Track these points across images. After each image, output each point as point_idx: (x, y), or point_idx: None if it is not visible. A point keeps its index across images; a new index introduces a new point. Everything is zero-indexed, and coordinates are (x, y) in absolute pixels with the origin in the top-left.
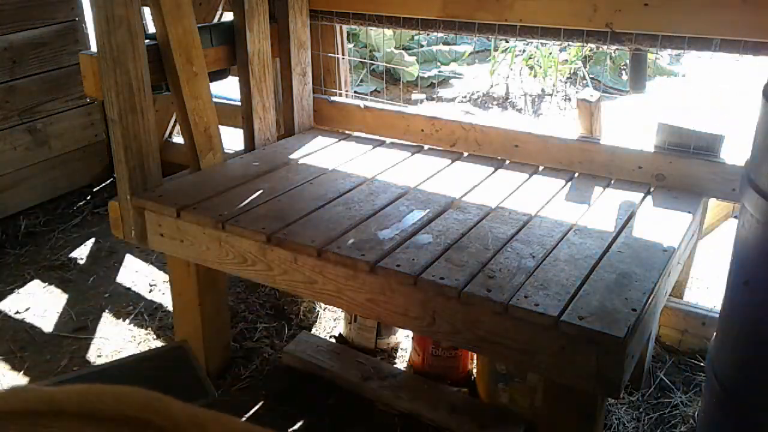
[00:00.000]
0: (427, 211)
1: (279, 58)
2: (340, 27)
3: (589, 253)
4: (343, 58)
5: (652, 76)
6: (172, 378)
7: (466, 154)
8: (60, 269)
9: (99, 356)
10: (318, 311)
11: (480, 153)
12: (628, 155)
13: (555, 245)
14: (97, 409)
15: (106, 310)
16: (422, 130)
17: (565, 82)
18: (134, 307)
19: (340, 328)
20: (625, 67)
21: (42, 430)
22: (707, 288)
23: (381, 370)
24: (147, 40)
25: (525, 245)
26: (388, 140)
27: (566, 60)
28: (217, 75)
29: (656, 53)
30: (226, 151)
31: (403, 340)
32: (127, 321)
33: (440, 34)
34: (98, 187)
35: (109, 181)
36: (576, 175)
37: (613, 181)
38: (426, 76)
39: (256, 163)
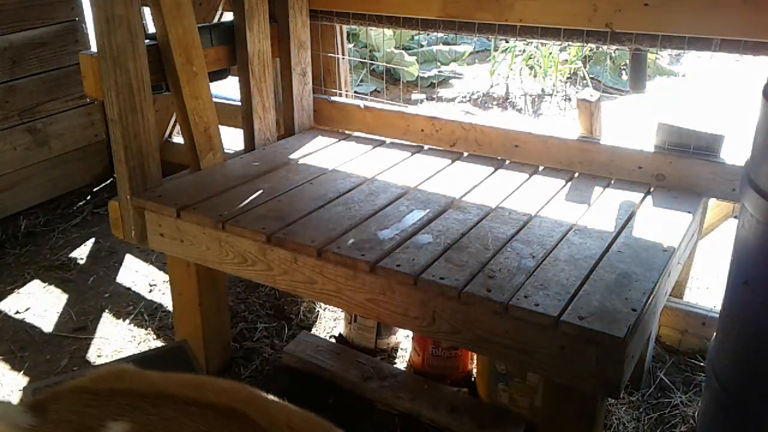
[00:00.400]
0: (427, 211)
1: (279, 58)
2: (340, 27)
3: (589, 253)
4: (343, 58)
5: (652, 76)
6: None
7: (466, 154)
8: (60, 269)
9: (99, 356)
10: (318, 311)
11: (480, 153)
12: (628, 155)
13: (555, 245)
14: (197, 397)
15: (106, 310)
16: (422, 130)
17: (565, 82)
18: (134, 307)
19: (340, 328)
20: (625, 67)
21: (139, 414)
22: (707, 288)
23: (381, 370)
24: (147, 40)
25: (525, 245)
26: (388, 140)
27: (566, 60)
28: (217, 75)
29: (656, 53)
30: (226, 151)
31: (403, 340)
32: (127, 321)
33: (440, 34)
34: (98, 187)
35: (109, 181)
36: (576, 175)
37: (613, 181)
38: (426, 76)
39: (256, 163)
